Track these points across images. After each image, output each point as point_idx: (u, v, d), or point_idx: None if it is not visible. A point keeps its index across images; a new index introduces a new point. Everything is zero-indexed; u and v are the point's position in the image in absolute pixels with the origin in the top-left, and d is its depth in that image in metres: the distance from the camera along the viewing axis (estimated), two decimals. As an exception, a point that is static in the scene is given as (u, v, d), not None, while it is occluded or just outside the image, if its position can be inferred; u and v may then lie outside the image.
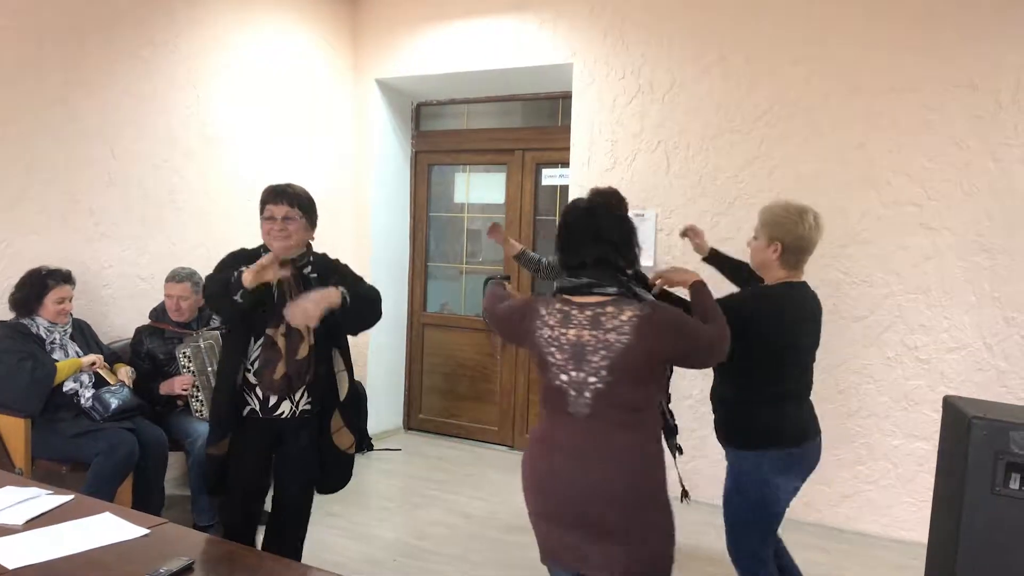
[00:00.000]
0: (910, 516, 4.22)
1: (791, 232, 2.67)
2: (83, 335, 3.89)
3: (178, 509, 4.10)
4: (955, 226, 4.09)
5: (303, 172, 5.46)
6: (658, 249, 4.81)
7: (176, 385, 3.97)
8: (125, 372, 3.89)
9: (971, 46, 4.01)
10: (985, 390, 3.98)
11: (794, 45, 4.40)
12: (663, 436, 2.35)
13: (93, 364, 3.77)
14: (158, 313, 4.18)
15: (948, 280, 4.12)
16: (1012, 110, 3.94)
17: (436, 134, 6.23)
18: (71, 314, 3.83)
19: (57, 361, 3.66)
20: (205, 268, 4.34)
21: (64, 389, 3.68)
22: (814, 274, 4.21)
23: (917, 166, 4.16)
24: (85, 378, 3.76)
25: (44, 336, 3.68)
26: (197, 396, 4.00)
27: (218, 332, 4.07)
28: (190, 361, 3.98)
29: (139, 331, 4.14)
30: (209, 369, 4.00)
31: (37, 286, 3.70)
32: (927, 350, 4.18)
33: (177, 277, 4.13)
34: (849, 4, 4.26)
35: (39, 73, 3.98)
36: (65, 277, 3.78)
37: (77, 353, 3.78)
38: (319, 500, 3.32)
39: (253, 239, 2.98)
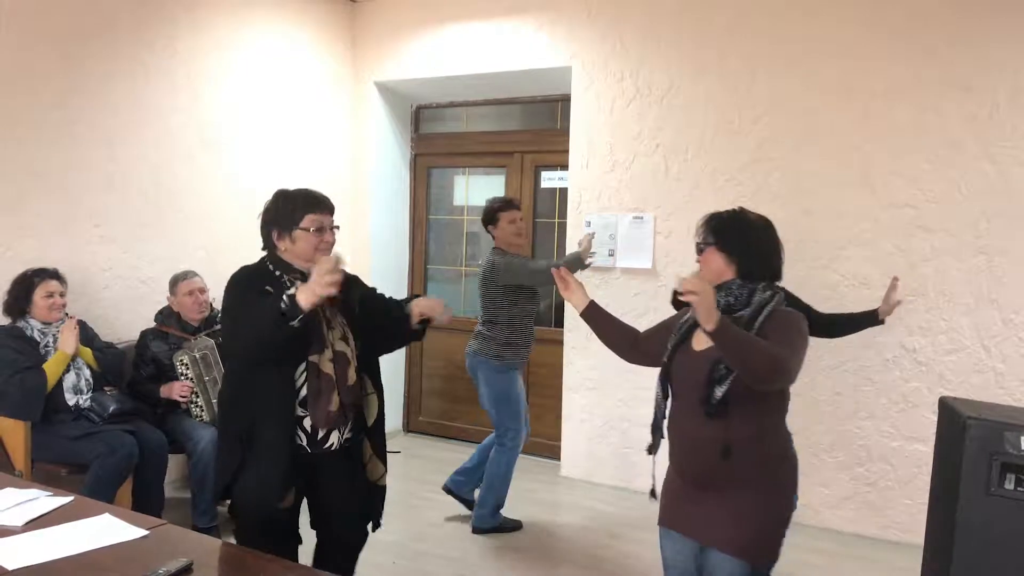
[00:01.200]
0: (908, 518, 4.22)
1: None
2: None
3: (177, 511, 4.10)
4: (952, 228, 4.10)
5: (302, 175, 5.47)
6: (656, 251, 4.82)
7: (175, 391, 3.99)
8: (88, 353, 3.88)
9: (967, 48, 4.02)
10: (983, 392, 3.98)
11: (791, 47, 4.41)
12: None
13: (75, 327, 3.75)
14: (163, 317, 4.20)
15: (946, 282, 4.13)
16: (1008, 112, 3.95)
17: (435, 137, 6.25)
18: (67, 314, 3.84)
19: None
20: (205, 271, 4.39)
21: (66, 397, 3.70)
22: (813, 276, 4.26)
23: (914, 168, 4.17)
24: (84, 386, 3.78)
25: (38, 339, 3.70)
26: (196, 402, 4.02)
27: (213, 341, 4.08)
28: (188, 369, 4.00)
29: (144, 334, 4.16)
30: (207, 377, 4.01)
31: (24, 285, 3.73)
32: (925, 352, 4.19)
33: (188, 275, 4.23)
34: (845, 6, 4.27)
35: (38, 77, 3.99)
36: (52, 274, 3.80)
37: None
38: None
39: (253, 242, 2.95)
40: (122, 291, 4.43)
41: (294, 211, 2.57)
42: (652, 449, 2.48)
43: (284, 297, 2.32)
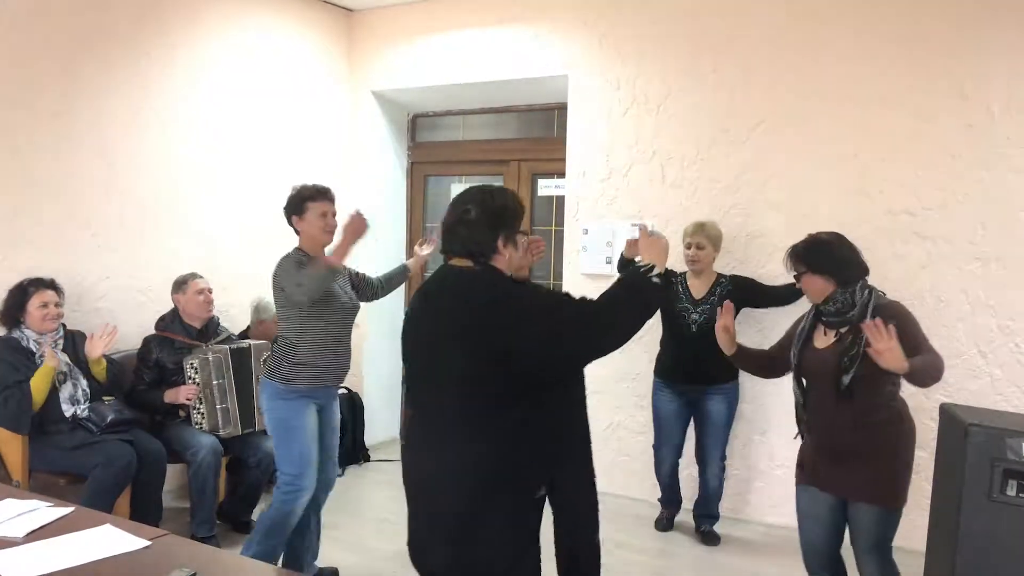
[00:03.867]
0: (907, 523, 4.17)
1: None
2: (74, 346, 3.87)
3: (175, 521, 4.08)
4: (949, 234, 4.12)
5: (299, 183, 5.46)
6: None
7: (181, 394, 3.97)
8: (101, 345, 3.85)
9: (962, 56, 4.04)
10: (980, 398, 3.99)
11: (787, 55, 4.43)
12: None
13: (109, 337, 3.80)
14: (167, 323, 4.19)
15: (942, 288, 4.14)
16: (1003, 119, 3.97)
17: (432, 145, 6.25)
18: (63, 324, 3.83)
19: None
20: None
21: (63, 408, 3.68)
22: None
23: (910, 175, 4.18)
24: (81, 396, 3.76)
25: (33, 349, 3.68)
26: (199, 408, 4.00)
27: (228, 348, 4.06)
28: (196, 373, 3.98)
29: (147, 340, 4.15)
30: (215, 382, 4.00)
31: (18, 295, 3.72)
32: (922, 358, 4.19)
33: (195, 275, 4.24)
34: (841, 14, 4.30)
35: (35, 87, 3.99)
36: (48, 284, 3.79)
37: (67, 364, 3.77)
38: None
39: (249, 250, 2.96)
40: (119, 300, 4.42)
41: (515, 219, 2.22)
42: (801, 435, 2.98)
43: (654, 276, 2.11)
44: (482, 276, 2.13)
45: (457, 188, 6.17)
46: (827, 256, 2.80)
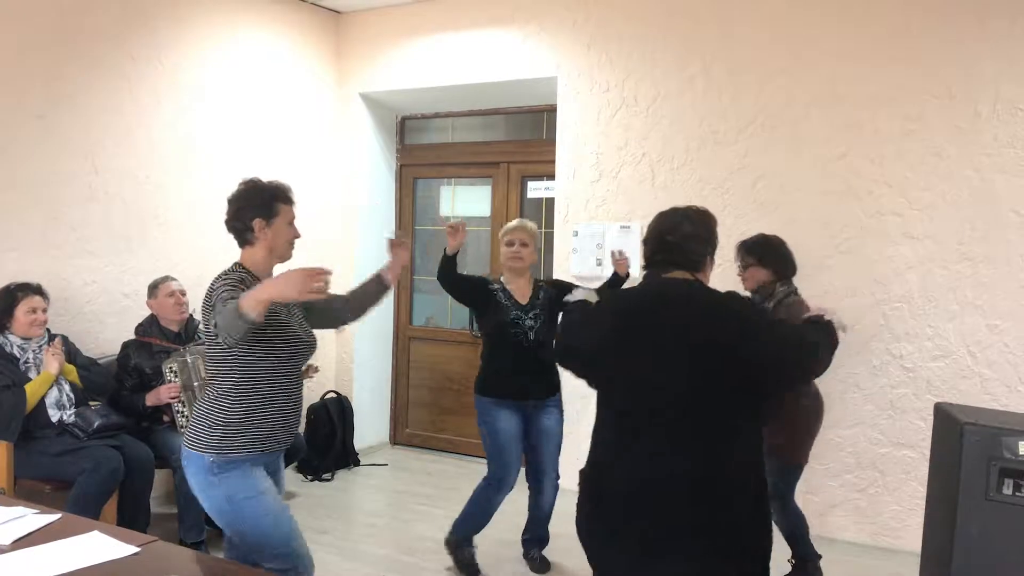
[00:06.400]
0: (898, 524, 4.24)
1: None
2: None
3: (162, 527, 4.03)
4: (937, 235, 4.13)
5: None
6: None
7: (163, 393, 3.91)
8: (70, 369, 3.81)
9: (950, 57, 4.07)
10: (970, 397, 4.00)
11: (776, 56, 4.44)
12: None
13: (57, 350, 3.67)
14: (145, 328, 4.14)
15: (931, 288, 4.16)
16: (991, 120, 4.00)
17: (421, 147, 6.23)
18: (48, 329, 3.78)
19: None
20: (189, 284, 4.33)
21: (49, 413, 3.63)
22: (799, 285, 4.27)
23: (899, 176, 4.20)
24: (66, 401, 3.70)
25: (18, 355, 3.63)
26: (182, 412, 3.94)
27: (205, 347, 4.02)
28: (176, 376, 3.93)
29: (126, 345, 4.10)
30: (195, 383, 3.95)
31: (5, 300, 3.66)
32: (912, 358, 4.21)
33: (167, 278, 4.22)
34: (830, 16, 4.31)
35: (20, 88, 3.94)
36: (35, 289, 3.73)
37: None
38: (306, 517, 3.25)
39: (235, 254, 2.86)
40: (105, 305, 4.37)
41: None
42: None
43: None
44: (713, 290, 2.20)
45: (446, 191, 6.15)
46: (776, 252, 3.40)
